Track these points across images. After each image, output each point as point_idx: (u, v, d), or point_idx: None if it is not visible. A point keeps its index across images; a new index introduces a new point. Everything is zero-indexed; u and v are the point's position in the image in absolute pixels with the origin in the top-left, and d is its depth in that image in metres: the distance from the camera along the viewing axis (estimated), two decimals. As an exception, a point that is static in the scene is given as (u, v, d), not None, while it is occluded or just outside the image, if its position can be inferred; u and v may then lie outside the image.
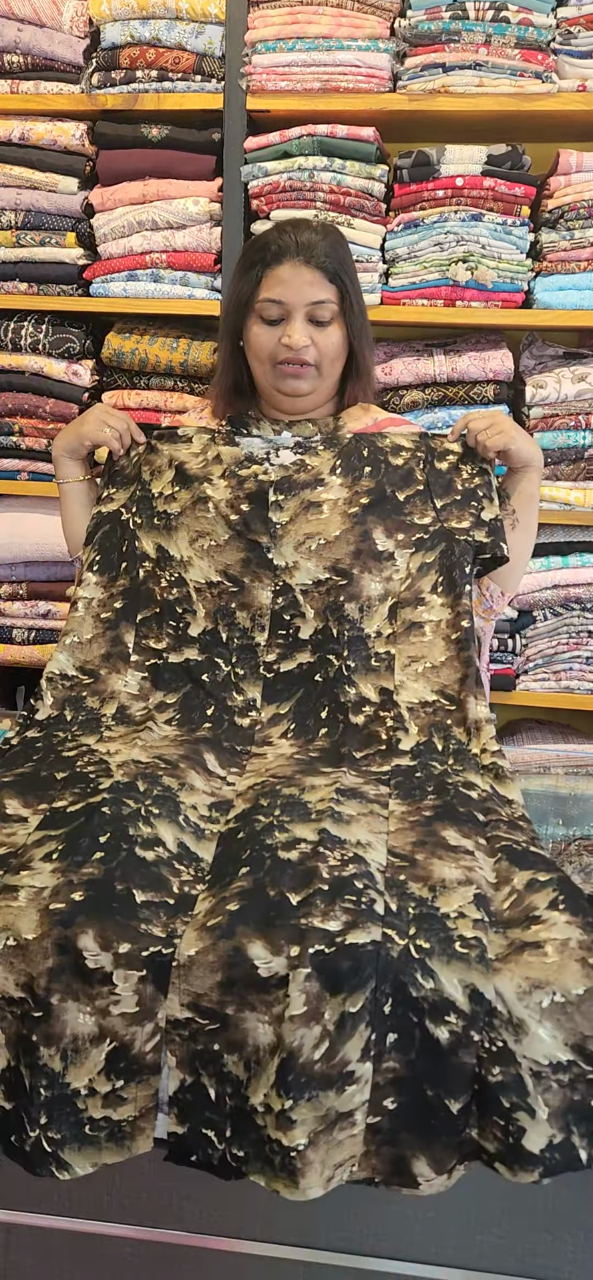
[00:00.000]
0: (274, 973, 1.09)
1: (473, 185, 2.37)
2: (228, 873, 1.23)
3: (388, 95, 2.40)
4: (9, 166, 2.57)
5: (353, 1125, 1.07)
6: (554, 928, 1.13)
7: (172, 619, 1.68)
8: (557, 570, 2.50)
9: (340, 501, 1.70)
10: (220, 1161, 1.09)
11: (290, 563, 1.68)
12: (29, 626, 2.73)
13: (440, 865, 1.23)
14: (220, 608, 1.67)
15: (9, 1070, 1.12)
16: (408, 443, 1.79)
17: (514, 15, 2.31)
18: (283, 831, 1.27)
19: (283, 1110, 1.04)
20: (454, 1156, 1.07)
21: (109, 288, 2.57)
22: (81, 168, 2.55)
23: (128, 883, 1.19)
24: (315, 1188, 1.06)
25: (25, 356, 2.62)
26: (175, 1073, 1.09)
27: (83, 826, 1.26)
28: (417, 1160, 1.07)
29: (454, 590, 1.67)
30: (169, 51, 2.47)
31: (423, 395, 2.49)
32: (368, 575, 1.66)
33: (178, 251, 2.53)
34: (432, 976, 1.08)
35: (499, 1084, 1.05)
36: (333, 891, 1.15)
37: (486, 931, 1.13)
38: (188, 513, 1.73)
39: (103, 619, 1.71)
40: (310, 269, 1.79)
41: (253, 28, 2.43)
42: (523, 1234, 1.12)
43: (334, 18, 2.39)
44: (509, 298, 2.42)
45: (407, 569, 1.67)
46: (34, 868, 1.22)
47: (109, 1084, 1.10)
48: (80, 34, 2.50)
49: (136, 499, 1.80)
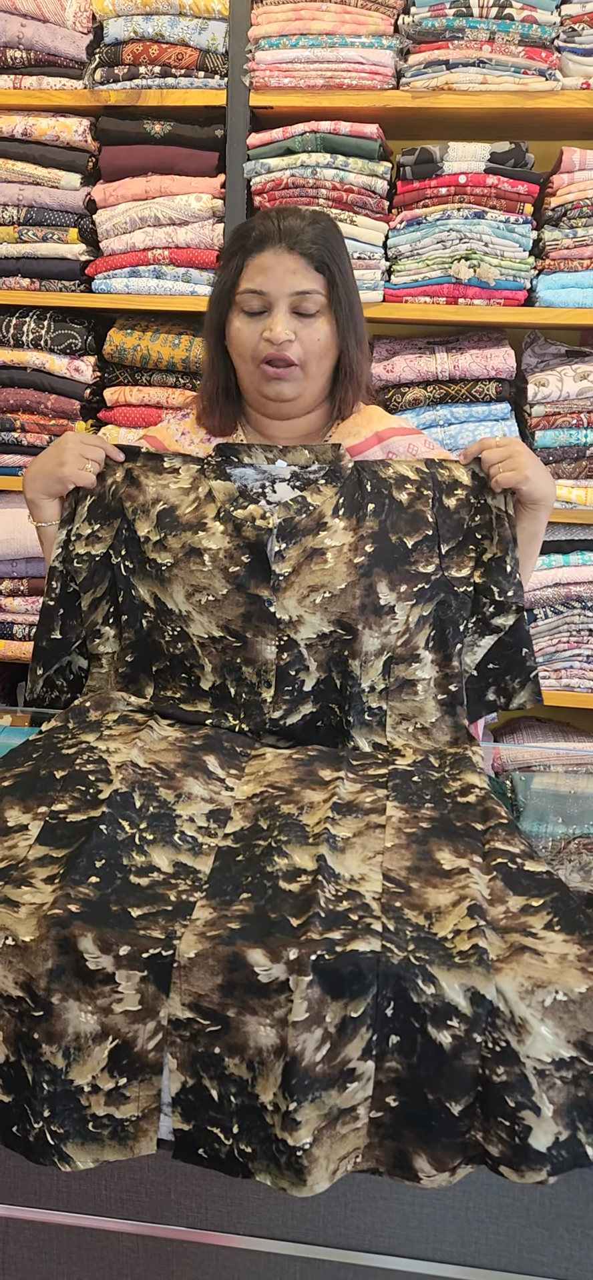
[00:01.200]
0: (274, 979, 1.08)
1: (476, 183, 2.37)
2: (227, 892, 1.22)
3: (391, 92, 2.40)
4: (11, 162, 2.57)
5: (356, 1120, 1.07)
6: (552, 945, 1.13)
7: (182, 672, 1.64)
8: (558, 569, 2.51)
9: (345, 548, 1.59)
10: (228, 1157, 1.09)
11: (294, 617, 1.58)
12: (30, 623, 2.73)
13: (435, 894, 1.22)
14: (226, 663, 1.60)
15: (8, 1065, 1.12)
16: (413, 474, 1.63)
17: (518, 12, 2.31)
18: (282, 856, 1.27)
19: (288, 1112, 1.04)
20: (457, 1156, 1.06)
21: (111, 284, 2.57)
22: (84, 163, 2.56)
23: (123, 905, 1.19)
24: (321, 1183, 1.06)
25: (27, 352, 2.62)
26: (176, 1075, 1.09)
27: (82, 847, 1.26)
28: (418, 1157, 1.07)
29: (445, 649, 1.62)
30: (172, 47, 2.47)
31: (425, 393, 2.50)
32: (369, 631, 1.58)
33: (180, 248, 2.53)
34: (433, 982, 1.08)
35: (504, 1084, 1.05)
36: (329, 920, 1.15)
37: (483, 936, 1.12)
38: (181, 564, 1.60)
39: (121, 673, 1.69)
40: (294, 256, 1.63)
41: (256, 24, 2.43)
42: (521, 1230, 1.12)
43: (338, 14, 2.39)
44: (512, 295, 2.42)
45: (405, 623, 1.61)
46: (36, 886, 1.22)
47: (112, 1081, 1.10)
48: (83, 29, 2.50)
49: (124, 539, 1.66)
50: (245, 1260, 1.17)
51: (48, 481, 1.64)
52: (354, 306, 1.69)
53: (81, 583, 1.68)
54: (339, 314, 1.66)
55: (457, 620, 1.61)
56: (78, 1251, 1.20)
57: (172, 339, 2.59)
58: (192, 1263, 1.18)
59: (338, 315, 1.66)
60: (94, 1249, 1.20)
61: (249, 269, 1.65)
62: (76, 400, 2.61)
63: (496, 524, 1.62)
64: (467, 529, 1.63)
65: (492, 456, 1.59)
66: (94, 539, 1.66)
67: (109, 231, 2.55)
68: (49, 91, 2.53)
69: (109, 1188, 1.18)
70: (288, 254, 1.63)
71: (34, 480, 1.65)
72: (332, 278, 1.65)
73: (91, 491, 1.66)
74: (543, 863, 1.29)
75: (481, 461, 1.62)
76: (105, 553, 1.66)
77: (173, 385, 2.60)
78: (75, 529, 1.67)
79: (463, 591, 1.61)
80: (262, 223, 1.66)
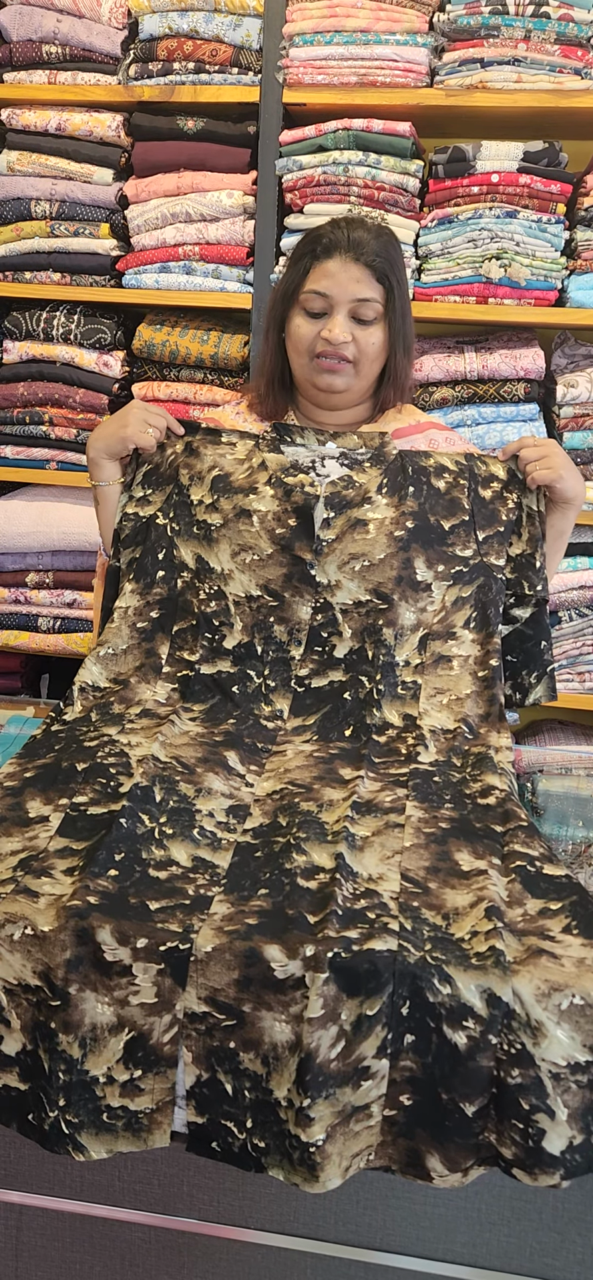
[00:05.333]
0: (290, 974, 1.08)
1: (509, 182, 2.36)
2: (245, 887, 1.23)
3: (425, 90, 2.39)
4: (45, 157, 2.58)
5: (369, 1117, 1.06)
6: (570, 948, 1.13)
7: (207, 631, 1.66)
8: (584, 571, 2.48)
9: (386, 522, 1.66)
10: (241, 1151, 1.09)
11: (333, 581, 1.64)
12: (55, 615, 2.74)
13: (453, 895, 1.22)
14: (258, 621, 1.65)
15: (25, 1053, 1.13)
16: (452, 464, 1.72)
17: (555, 11, 2.29)
18: (301, 854, 1.27)
19: (301, 1108, 1.04)
20: (470, 1157, 1.06)
21: (141, 279, 2.58)
22: (117, 159, 2.57)
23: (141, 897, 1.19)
24: (334, 1179, 1.06)
25: (57, 346, 2.64)
26: (191, 1068, 1.09)
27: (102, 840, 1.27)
28: (431, 1156, 1.06)
29: (487, 628, 1.64)
30: (207, 43, 2.47)
31: (453, 392, 2.48)
32: (405, 604, 1.63)
33: (210, 244, 2.53)
34: (449, 982, 1.07)
35: (518, 1086, 1.04)
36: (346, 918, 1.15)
37: (500, 937, 1.12)
38: (230, 524, 1.68)
39: (139, 629, 1.69)
40: (359, 266, 1.74)
41: (291, 20, 2.43)
42: (531, 1233, 1.11)
43: (373, 11, 2.38)
44: (543, 295, 2.40)
45: (441, 601, 1.64)
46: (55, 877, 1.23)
47: (127, 1073, 1.10)
48: (119, 25, 2.51)
49: (173, 503, 1.74)
50: (256, 1255, 1.17)
51: (110, 442, 1.73)
52: (407, 317, 1.81)
53: (123, 540, 1.76)
54: (393, 323, 1.78)
55: (497, 602, 1.65)
56: (90, 1240, 1.21)
57: (200, 335, 2.59)
58: (202, 1255, 1.18)
59: (392, 324, 1.78)
60: (106, 1238, 1.21)
61: (315, 272, 1.76)
62: (105, 395, 2.62)
63: (526, 521, 1.70)
64: (504, 521, 1.69)
65: (529, 454, 1.69)
66: (144, 501, 1.76)
67: (140, 227, 2.56)
68: (83, 87, 2.54)
69: (122, 1179, 1.18)
70: (353, 263, 1.74)
71: (97, 440, 1.74)
72: (390, 289, 1.76)
73: (150, 459, 1.76)
74: (562, 866, 1.29)
75: (517, 459, 1.71)
76: (152, 515, 1.74)
77: (201, 381, 2.60)
78: (131, 492, 1.77)
79: (502, 578, 1.67)
80: (331, 231, 1.77)
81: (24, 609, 2.75)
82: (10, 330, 2.68)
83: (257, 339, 2.53)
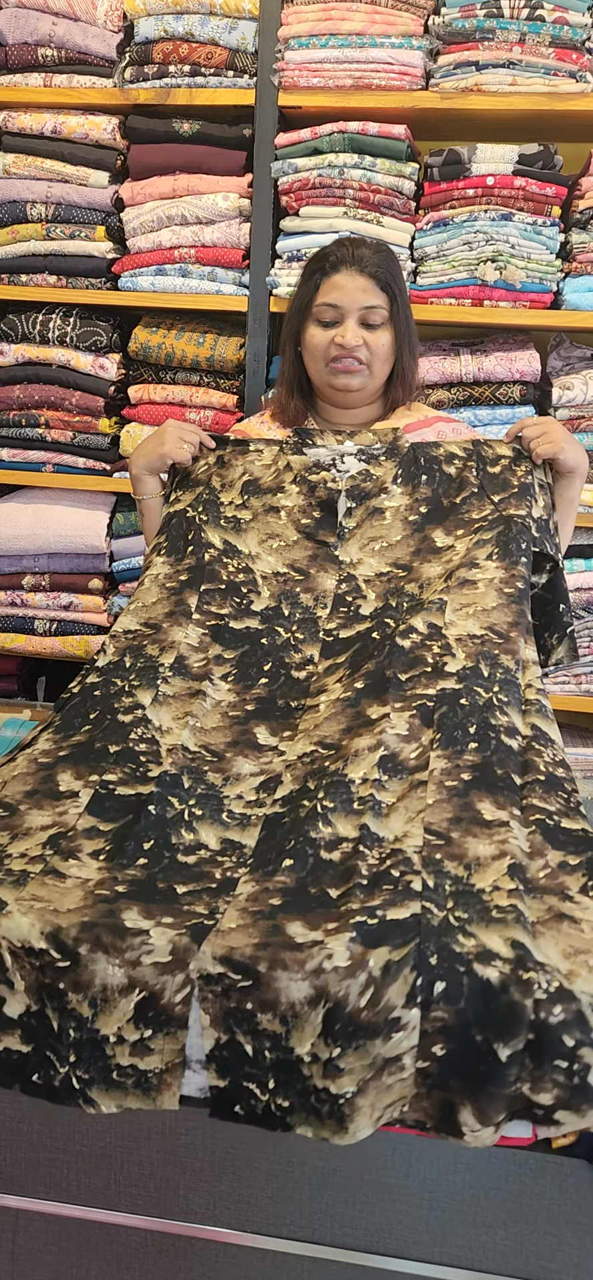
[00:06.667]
0: (311, 940, 1.10)
1: (504, 184, 2.36)
2: (271, 861, 1.26)
3: (420, 93, 2.40)
4: (40, 159, 2.58)
5: (402, 1070, 1.06)
6: (588, 910, 1.17)
7: (235, 596, 1.75)
8: (581, 573, 2.49)
9: (402, 509, 1.82)
10: (264, 1112, 1.09)
11: (355, 559, 1.79)
12: (51, 618, 2.74)
13: (475, 843, 1.25)
14: (285, 591, 1.76)
15: (29, 1015, 1.13)
16: (461, 451, 1.89)
17: (549, 14, 2.29)
18: (326, 824, 1.30)
19: (330, 1059, 1.05)
20: (502, 1109, 1.05)
21: (137, 282, 2.58)
22: (112, 162, 2.57)
23: (169, 882, 1.22)
24: (364, 1129, 1.06)
25: (53, 349, 2.64)
26: (209, 1031, 1.10)
27: (130, 826, 1.29)
28: (463, 1108, 1.06)
29: (510, 557, 1.71)
30: (202, 46, 2.47)
31: (449, 394, 2.49)
32: (427, 565, 1.75)
33: (206, 247, 2.54)
34: (473, 937, 1.10)
35: (561, 1023, 1.05)
36: (371, 884, 1.18)
37: (522, 899, 1.15)
38: (259, 518, 1.84)
39: (168, 588, 1.78)
40: (364, 277, 1.92)
41: (286, 24, 2.43)
42: (528, 1236, 1.11)
43: (368, 14, 2.38)
44: (538, 298, 2.41)
45: (465, 549, 1.74)
46: (82, 860, 1.25)
47: (137, 1033, 1.10)
48: (114, 28, 2.51)
49: (203, 500, 1.88)
50: (253, 1258, 1.17)
51: (149, 459, 1.94)
52: (410, 322, 2.00)
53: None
54: (398, 327, 1.96)
55: (519, 539, 1.74)
56: (86, 1244, 1.21)
57: (196, 337, 2.59)
58: (199, 1259, 1.18)
59: (397, 328, 1.96)
60: (103, 1242, 1.20)
61: (325, 286, 1.95)
62: (101, 397, 2.62)
63: (539, 490, 1.85)
64: (517, 485, 1.83)
65: (531, 433, 1.87)
66: (175, 501, 1.92)
67: (136, 229, 2.56)
68: (79, 89, 2.55)
69: (118, 1182, 1.18)
70: (359, 275, 1.93)
71: (138, 458, 1.96)
72: (394, 296, 1.95)
73: (184, 470, 1.95)
74: (580, 820, 1.33)
75: (521, 440, 1.88)
76: (180, 509, 1.90)
77: (197, 384, 2.61)
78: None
79: (521, 523, 1.77)
80: (337, 249, 1.97)
81: (20, 611, 2.75)
82: (6, 333, 2.68)
83: (253, 341, 2.53)
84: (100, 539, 2.67)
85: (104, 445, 2.66)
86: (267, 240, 2.50)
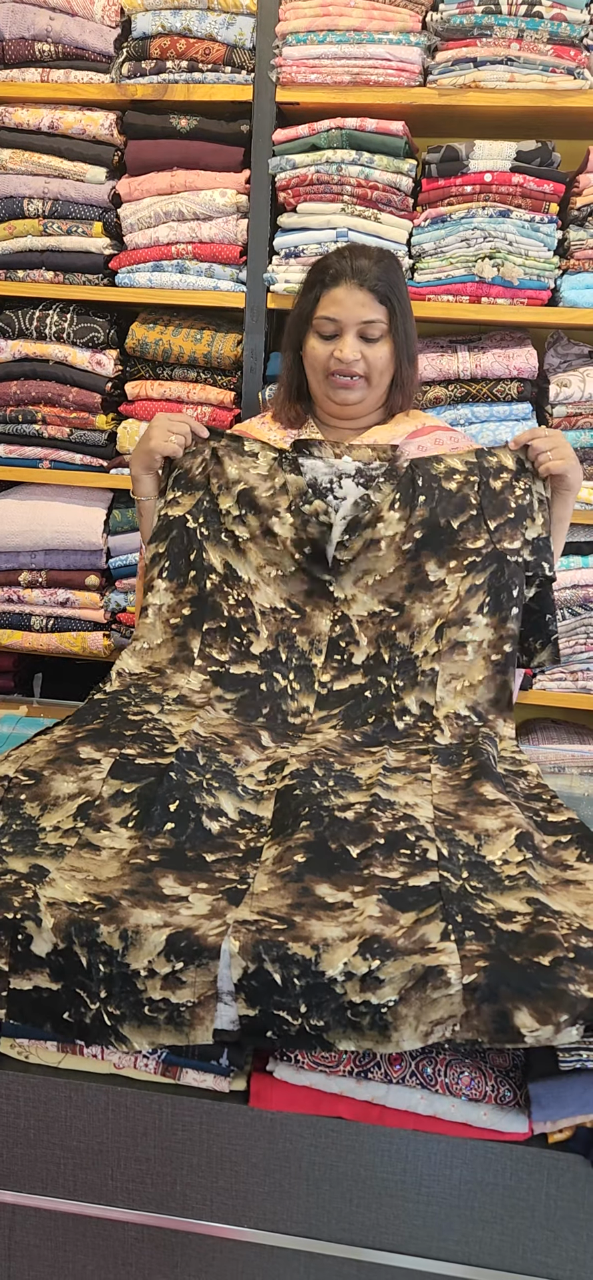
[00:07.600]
0: (341, 900, 1.17)
1: (502, 181, 2.36)
2: (288, 824, 1.32)
3: (418, 89, 2.40)
4: (37, 155, 2.58)
5: (447, 985, 1.05)
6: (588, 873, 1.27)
7: (236, 635, 1.78)
8: (577, 570, 2.49)
9: (396, 537, 1.80)
10: (299, 1034, 1.09)
11: (349, 595, 1.81)
12: (48, 614, 2.74)
13: (482, 818, 1.34)
14: (282, 632, 1.79)
15: (56, 953, 1.13)
16: (462, 465, 1.85)
17: (547, 10, 2.29)
18: (337, 797, 1.38)
19: (369, 972, 1.06)
20: (561, 1009, 1.03)
21: (134, 278, 2.58)
22: (110, 157, 2.56)
23: (198, 850, 1.28)
24: (408, 1040, 1.06)
25: (49, 345, 2.64)
26: (237, 959, 1.09)
27: (153, 788, 1.35)
28: (518, 1012, 1.04)
29: (500, 612, 1.75)
30: (200, 42, 2.47)
31: (446, 391, 2.49)
32: (419, 605, 1.77)
33: (204, 243, 2.53)
34: (491, 902, 1.17)
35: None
36: (389, 845, 1.26)
37: (531, 866, 1.23)
38: (257, 540, 1.84)
39: (172, 624, 1.81)
40: (363, 291, 1.93)
41: (284, 19, 2.42)
42: (525, 1231, 1.12)
43: (366, 10, 2.38)
44: (535, 295, 2.41)
45: (456, 592, 1.76)
46: (112, 830, 1.30)
47: (168, 965, 1.10)
48: (111, 23, 2.51)
49: (203, 509, 1.86)
50: (250, 1253, 1.17)
51: (141, 456, 1.90)
52: (410, 332, 2.00)
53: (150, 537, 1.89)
54: (397, 339, 1.96)
55: (510, 586, 1.77)
56: (83, 1240, 1.20)
57: (193, 334, 2.59)
58: (196, 1254, 1.18)
59: (396, 340, 1.96)
60: (99, 1238, 1.20)
61: (325, 299, 1.95)
62: (98, 393, 2.62)
63: (538, 507, 1.83)
64: (514, 508, 1.82)
65: (541, 445, 1.84)
66: (173, 503, 1.88)
67: (133, 225, 2.56)
68: (76, 85, 2.54)
69: (115, 1178, 1.18)
70: (358, 289, 1.93)
71: (133, 459, 1.92)
72: (393, 309, 1.95)
73: (181, 465, 1.90)
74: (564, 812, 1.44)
75: (528, 449, 1.86)
76: (180, 515, 1.87)
77: (194, 380, 2.60)
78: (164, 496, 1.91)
79: (515, 562, 1.79)
80: (336, 261, 1.97)
81: (17, 608, 2.75)
82: (3, 329, 2.67)
83: (250, 337, 2.53)
84: (97, 535, 2.66)
85: (101, 441, 2.65)
86: (264, 236, 2.50)
